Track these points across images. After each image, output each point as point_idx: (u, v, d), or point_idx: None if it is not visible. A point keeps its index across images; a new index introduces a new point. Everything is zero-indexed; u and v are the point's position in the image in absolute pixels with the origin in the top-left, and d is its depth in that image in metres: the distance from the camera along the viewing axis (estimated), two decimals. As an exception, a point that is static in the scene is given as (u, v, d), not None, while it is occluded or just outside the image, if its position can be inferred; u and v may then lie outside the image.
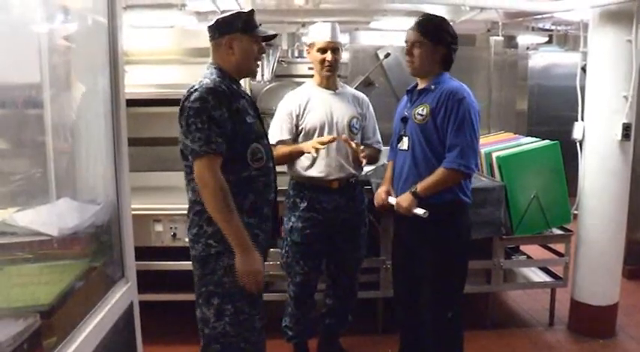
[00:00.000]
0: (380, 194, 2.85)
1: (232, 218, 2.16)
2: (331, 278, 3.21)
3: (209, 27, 2.31)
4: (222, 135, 2.15)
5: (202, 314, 2.32)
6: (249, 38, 2.30)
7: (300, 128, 2.98)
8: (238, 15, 2.30)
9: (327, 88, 3.01)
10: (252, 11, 2.33)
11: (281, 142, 2.96)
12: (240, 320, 2.28)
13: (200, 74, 2.31)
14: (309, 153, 2.83)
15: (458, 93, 2.60)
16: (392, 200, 2.76)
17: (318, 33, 2.98)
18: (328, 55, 2.93)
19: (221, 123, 2.16)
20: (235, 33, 2.27)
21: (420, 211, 2.61)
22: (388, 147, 2.98)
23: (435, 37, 2.63)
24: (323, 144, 2.79)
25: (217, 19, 2.29)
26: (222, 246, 2.21)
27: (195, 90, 2.17)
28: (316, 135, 2.95)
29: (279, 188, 2.49)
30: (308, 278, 3.07)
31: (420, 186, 2.63)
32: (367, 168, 3.34)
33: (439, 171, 2.61)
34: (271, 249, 2.67)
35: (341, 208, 3.00)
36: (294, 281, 3.06)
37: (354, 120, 3.00)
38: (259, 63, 2.41)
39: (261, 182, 2.31)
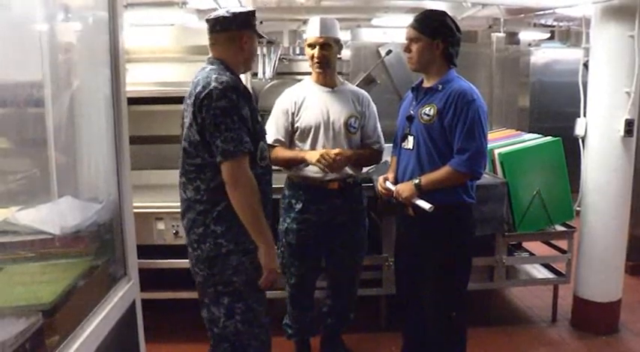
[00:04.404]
0: (379, 180, 2.82)
1: (262, 216, 2.20)
2: (331, 278, 3.20)
3: (225, 17, 2.25)
4: (249, 134, 2.16)
5: (211, 315, 2.30)
6: (256, 37, 2.33)
7: (295, 126, 2.93)
8: (252, 13, 2.30)
9: (325, 85, 2.95)
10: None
11: (278, 141, 2.92)
12: (250, 317, 2.28)
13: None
14: (312, 163, 2.81)
15: (467, 95, 2.56)
16: (391, 185, 2.74)
17: (308, 28, 2.94)
18: (316, 51, 2.87)
19: (247, 121, 2.17)
20: (249, 30, 2.28)
21: (425, 205, 2.56)
22: (390, 145, 2.96)
23: (431, 33, 2.60)
24: (329, 156, 2.75)
25: (235, 12, 2.26)
26: (232, 245, 2.21)
27: (214, 87, 2.11)
28: (311, 134, 2.90)
29: (274, 186, 2.48)
30: (303, 280, 3.06)
31: (424, 179, 2.60)
32: (367, 168, 3.32)
33: (447, 170, 2.58)
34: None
35: (337, 210, 2.95)
36: (290, 282, 3.06)
37: (352, 119, 2.93)
38: None
39: (265, 180, 2.32)
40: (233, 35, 2.26)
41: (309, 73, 3.11)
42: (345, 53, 4.57)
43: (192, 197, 2.23)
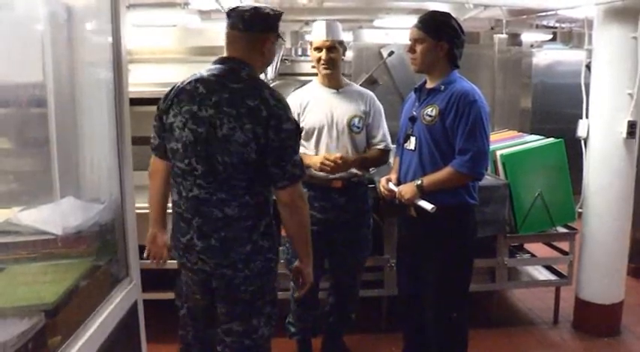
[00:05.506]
0: (382, 181, 2.82)
1: (310, 234, 2.21)
2: (333, 277, 3.21)
3: (256, 17, 2.07)
4: None
5: (247, 326, 2.17)
6: (276, 40, 2.20)
7: (300, 127, 2.96)
8: (281, 15, 2.16)
9: (330, 86, 2.98)
10: None
11: None
12: (276, 317, 2.28)
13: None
14: (315, 169, 2.84)
15: (469, 96, 2.56)
16: (393, 186, 2.74)
17: (314, 32, 2.97)
18: (323, 54, 2.90)
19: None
20: (274, 33, 2.14)
21: (427, 205, 2.56)
22: (395, 146, 2.96)
23: (436, 34, 2.59)
24: (329, 161, 2.81)
25: (268, 13, 2.10)
26: (276, 256, 2.21)
27: (276, 105, 2.02)
28: (315, 135, 2.93)
29: None
30: None
31: (426, 180, 2.60)
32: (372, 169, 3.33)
33: (449, 171, 2.58)
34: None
35: (341, 208, 2.97)
36: (294, 280, 3.06)
37: (356, 119, 2.95)
38: None
39: None
40: (258, 37, 2.09)
41: (311, 74, 3.12)
42: (347, 54, 4.57)
43: (236, 214, 2.07)
